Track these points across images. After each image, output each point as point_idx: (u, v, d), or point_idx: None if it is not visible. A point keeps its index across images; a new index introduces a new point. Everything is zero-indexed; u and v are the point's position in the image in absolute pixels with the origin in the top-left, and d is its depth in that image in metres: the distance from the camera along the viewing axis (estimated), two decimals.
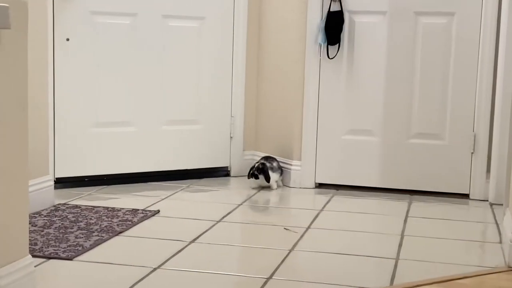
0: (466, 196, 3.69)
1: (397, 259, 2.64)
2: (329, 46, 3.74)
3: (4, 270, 1.95)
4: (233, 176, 4.10)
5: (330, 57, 3.75)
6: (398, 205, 3.52)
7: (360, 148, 3.80)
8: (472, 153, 3.67)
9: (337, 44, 3.73)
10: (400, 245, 2.81)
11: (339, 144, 3.83)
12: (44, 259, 2.50)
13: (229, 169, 4.11)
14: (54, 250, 2.59)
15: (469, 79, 3.63)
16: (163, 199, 3.49)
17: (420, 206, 3.52)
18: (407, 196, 3.70)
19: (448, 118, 3.69)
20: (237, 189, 3.85)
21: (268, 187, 3.82)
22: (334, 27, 3.71)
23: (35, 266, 2.16)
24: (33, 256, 2.38)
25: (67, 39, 3.55)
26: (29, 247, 2.37)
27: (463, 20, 3.62)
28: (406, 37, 3.70)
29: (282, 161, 3.92)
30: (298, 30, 3.81)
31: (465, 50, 3.63)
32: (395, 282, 2.38)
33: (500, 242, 2.89)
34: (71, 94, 3.60)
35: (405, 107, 3.73)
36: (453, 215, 3.37)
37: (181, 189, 3.74)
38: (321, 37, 3.72)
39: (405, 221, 3.21)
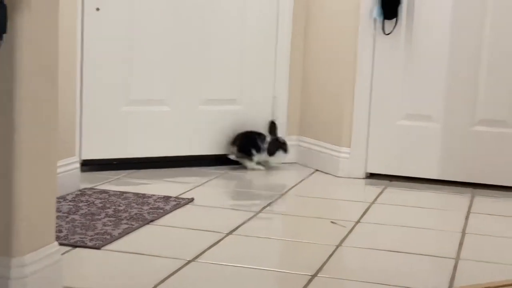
0: None
1: (457, 259, 2.63)
2: (385, 20, 3.71)
3: (29, 258, 2.00)
4: None
5: (386, 33, 3.73)
6: (459, 199, 3.49)
7: (417, 135, 3.77)
8: None
9: (395, 19, 3.70)
10: (460, 244, 2.80)
11: (394, 130, 3.80)
12: (69, 248, 2.55)
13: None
14: (81, 238, 2.65)
15: None
16: (197, 186, 3.53)
17: (484, 201, 3.48)
18: (470, 189, 3.66)
19: None
20: (279, 177, 3.86)
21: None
22: (391, 0, 3.68)
23: (61, 254, 2.21)
24: (58, 244, 2.43)
25: (97, 9, 3.59)
26: None
27: None
28: (473, 10, 3.64)
29: (329, 147, 3.93)
30: (351, 2, 3.79)
31: None
32: (454, 285, 2.37)
33: None
34: (101, 69, 3.65)
35: (470, 90, 3.68)
36: None
37: (218, 176, 3.77)
38: (376, 11, 3.70)
39: (467, 217, 3.19)
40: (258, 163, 3.92)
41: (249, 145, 3.91)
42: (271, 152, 3.87)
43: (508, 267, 2.56)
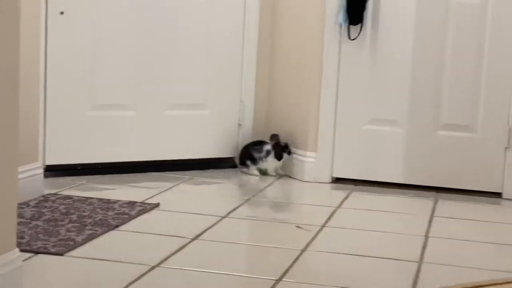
0: (498, 195, 3.68)
1: (420, 262, 2.65)
2: (350, 26, 3.73)
3: None
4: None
5: (352, 38, 3.75)
6: (423, 203, 3.52)
7: (382, 139, 3.80)
8: (506, 147, 3.66)
9: (360, 24, 3.73)
10: (424, 247, 2.82)
11: (360, 135, 3.83)
12: (31, 254, 2.52)
13: (236, 160, 4.12)
14: (43, 244, 2.62)
15: (505, 65, 3.62)
16: (163, 191, 3.51)
17: (447, 205, 3.52)
18: (433, 193, 3.70)
19: (480, 108, 3.68)
20: (245, 182, 3.86)
21: (265, 174, 3.92)
22: (356, 5, 3.70)
23: (22, 261, 2.18)
24: (20, 250, 2.40)
25: (61, 12, 3.56)
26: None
27: (499, 0, 3.61)
28: (436, 17, 3.68)
29: (296, 152, 3.93)
30: (316, 8, 3.81)
31: (501, 33, 3.61)
32: None
33: None
34: (65, 73, 3.61)
35: (434, 96, 3.72)
36: (483, 215, 3.37)
37: (184, 181, 3.76)
38: (341, 16, 3.72)
39: (430, 221, 3.22)
40: (261, 170, 3.93)
41: (245, 158, 3.95)
42: (279, 157, 3.88)
43: (470, 270, 2.59)
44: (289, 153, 3.91)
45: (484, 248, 2.89)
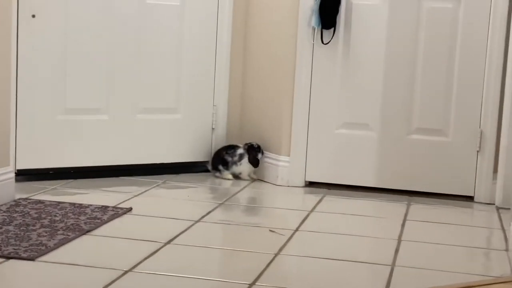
0: (470, 198, 3.73)
1: (393, 266, 2.67)
2: (323, 30, 3.76)
3: None
4: None
5: (324, 42, 3.77)
6: (396, 207, 3.55)
7: (355, 143, 3.83)
8: (477, 151, 3.71)
9: (332, 28, 3.75)
10: (396, 251, 2.84)
11: (332, 138, 3.85)
12: (2, 259, 2.50)
13: (208, 165, 4.12)
14: (14, 249, 2.59)
15: (476, 69, 3.67)
16: (136, 196, 3.50)
17: (419, 208, 3.55)
18: (406, 197, 3.73)
19: (452, 112, 3.72)
20: (218, 186, 3.86)
21: (239, 178, 3.94)
22: (329, 9, 3.73)
23: None
24: None
25: (33, 16, 3.54)
26: None
27: (471, 4, 3.65)
28: (408, 22, 3.72)
29: (269, 156, 3.95)
30: (289, 12, 3.83)
31: (473, 38, 3.66)
32: None
33: (507, 249, 2.93)
34: (36, 77, 3.59)
35: (406, 100, 3.76)
36: (455, 219, 3.40)
37: (156, 185, 3.75)
38: (314, 20, 3.74)
39: (403, 224, 3.25)
40: (234, 174, 3.95)
41: (217, 163, 3.96)
42: (255, 164, 3.89)
43: (443, 273, 2.61)
44: (262, 153, 3.92)
45: (456, 251, 2.92)
